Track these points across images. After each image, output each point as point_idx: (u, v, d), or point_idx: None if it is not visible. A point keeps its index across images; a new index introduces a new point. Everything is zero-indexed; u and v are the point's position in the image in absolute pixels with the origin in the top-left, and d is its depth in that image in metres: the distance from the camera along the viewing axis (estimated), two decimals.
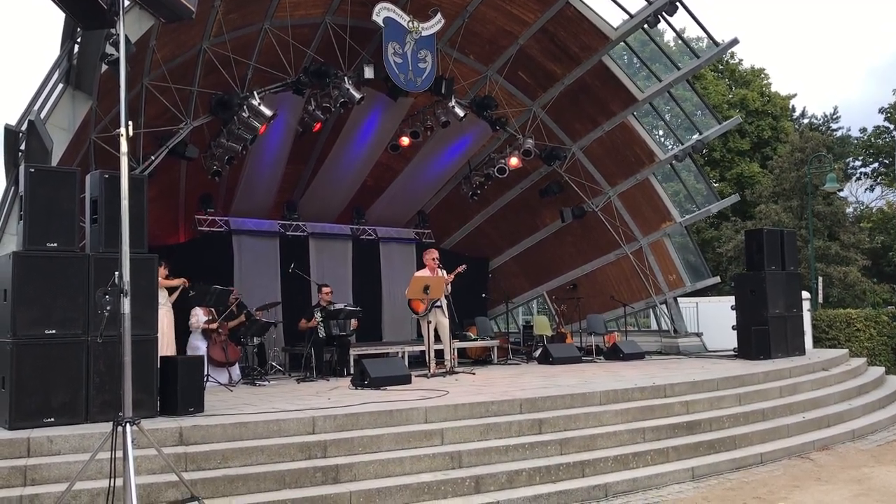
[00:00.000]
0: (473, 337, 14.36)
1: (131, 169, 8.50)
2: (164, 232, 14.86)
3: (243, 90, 11.51)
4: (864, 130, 35.62)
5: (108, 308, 4.76)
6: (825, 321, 17.64)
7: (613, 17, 12.89)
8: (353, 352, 11.74)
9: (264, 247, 14.76)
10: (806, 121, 36.35)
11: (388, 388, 8.77)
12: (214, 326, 10.50)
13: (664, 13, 12.06)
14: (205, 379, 8.58)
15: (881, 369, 12.36)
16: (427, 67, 12.40)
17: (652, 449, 7.08)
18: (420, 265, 12.96)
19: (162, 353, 7.55)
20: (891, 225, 32.49)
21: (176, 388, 6.83)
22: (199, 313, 10.59)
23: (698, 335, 15.32)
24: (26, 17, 65.22)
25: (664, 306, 15.61)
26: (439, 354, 11.27)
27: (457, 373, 10.81)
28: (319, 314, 11.48)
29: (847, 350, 13.83)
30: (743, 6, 67.25)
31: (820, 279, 22.92)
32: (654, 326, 16.54)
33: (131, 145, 5.31)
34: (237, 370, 10.68)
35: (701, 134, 14.72)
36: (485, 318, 16.08)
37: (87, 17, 5.26)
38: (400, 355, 12.21)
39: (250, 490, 5.61)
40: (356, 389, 8.93)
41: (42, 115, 8.29)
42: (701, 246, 23.67)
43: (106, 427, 5.06)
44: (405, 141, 14.39)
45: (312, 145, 15.16)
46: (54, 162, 8.08)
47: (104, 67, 8.40)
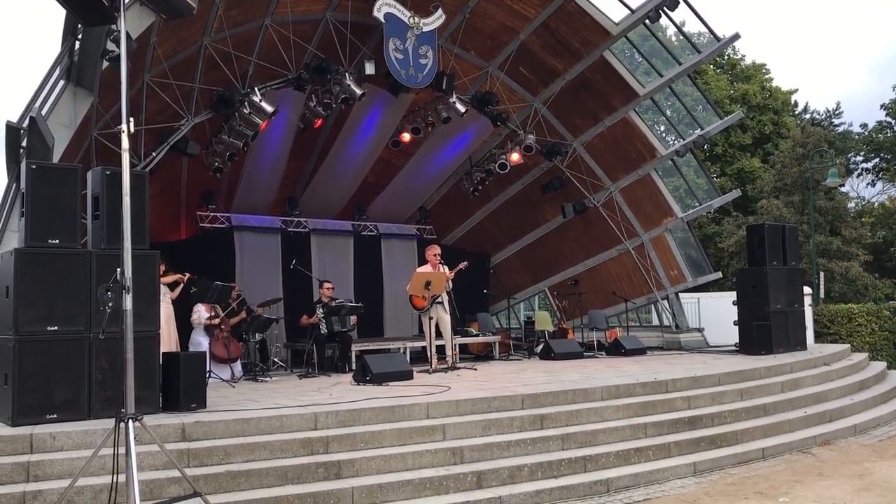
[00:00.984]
0: (475, 332, 14.38)
1: (133, 165, 8.50)
2: (166, 228, 14.87)
3: (244, 86, 11.50)
4: (866, 126, 35.59)
5: (110, 304, 4.76)
6: (827, 316, 17.61)
7: (615, 13, 12.88)
8: (355, 348, 11.76)
9: (266, 243, 14.77)
10: (808, 116, 36.29)
11: (390, 384, 8.78)
12: (216, 322, 10.51)
13: (665, 8, 12.02)
14: (207, 375, 8.58)
15: (883, 364, 12.35)
16: (428, 63, 12.39)
17: (653, 444, 7.08)
18: (421, 261, 12.98)
19: (162, 349, 7.55)
20: (892, 220, 32.47)
21: (178, 385, 6.85)
22: (202, 310, 10.59)
23: (700, 330, 15.32)
24: (27, 14, 65.18)
25: (666, 302, 15.61)
26: (441, 350, 11.27)
27: (458, 368, 10.82)
28: (321, 310, 11.49)
29: (849, 345, 13.81)
30: (745, 2, 67.13)
31: (821, 274, 22.90)
32: (656, 322, 16.54)
33: (132, 142, 5.31)
34: (239, 366, 10.70)
35: (702, 129, 14.70)
36: (486, 314, 16.09)
37: (88, 14, 5.26)
38: (401, 351, 12.22)
39: (253, 486, 5.62)
40: (358, 385, 8.95)
41: (43, 112, 8.28)
42: (702, 241, 23.62)
43: (108, 423, 5.07)
44: (406, 137, 14.38)
45: (314, 141, 15.15)
46: (56, 158, 8.09)
47: (105, 64, 8.40)
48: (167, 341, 9.61)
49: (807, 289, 13.88)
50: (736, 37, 12.93)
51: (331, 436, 6.27)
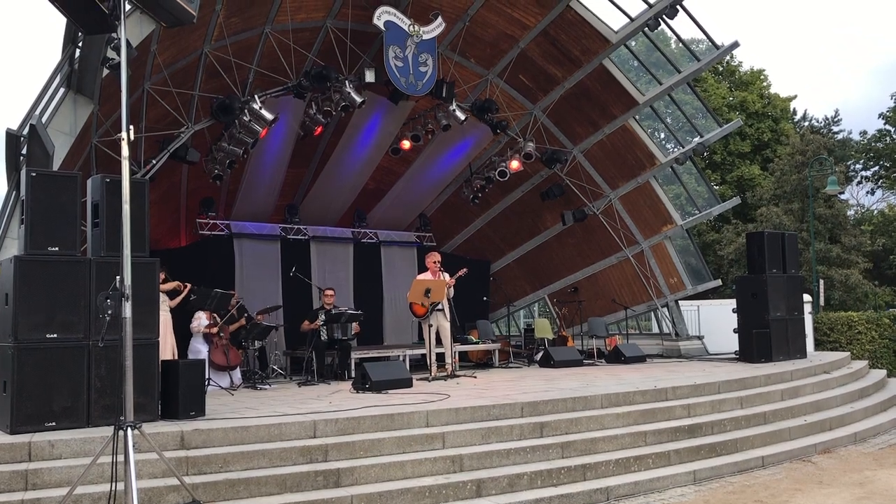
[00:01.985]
0: (475, 340, 14.36)
1: (132, 173, 8.52)
2: (166, 236, 14.88)
3: (244, 94, 11.53)
4: (865, 133, 35.66)
5: (110, 312, 4.76)
6: (826, 324, 17.60)
7: (614, 21, 12.93)
8: (355, 355, 11.74)
9: (265, 250, 14.77)
10: (807, 123, 36.36)
11: (390, 392, 8.77)
12: (216, 330, 10.50)
13: (664, 16, 12.06)
14: (206, 383, 8.58)
15: (883, 372, 12.35)
16: (428, 71, 12.41)
17: (653, 452, 7.07)
18: (421, 268, 12.97)
19: (163, 358, 7.55)
20: (892, 228, 32.49)
21: (177, 392, 6.84)
22: (202, 317, 10.59)
23: (700, 338, 15.31)
24: (28, 22, 65.38)
25: (665, 309, 15.60)
26: (441, 358, 11.26)
27: (458, 376, 10.81)
28: (322, 317, 11.49)
29: (849, 353, 13.79)
30: (743, 9, 67.34)
31: (821, 282, 22.88)
32: (656, 329, 16.54)
33: (132, 149, 5.32)
34: (238, 374, 10.69)
35: (702, 137, 14.72)
36: (486, 322, 16.08)
37: (89, 22, 5.27)
38: (401, 359, 12.20)
39: (252, 494, 5.61)
40: (357, 393, 8.93)
41: (43, 120, 8.30)
42: (702, 249, 23.68)
43: (107, 431, 5.06)
44: (406, 144, 14.41)
45: (314, 149, 15.18)
46: (55, 166, 8.09)
47: (105, 72, 8.42)
48: (165, 349, 9.59)
49: (806, 296, 13.89)
50: (735, 45, 12.96)
51: (330, 444, 6.26)
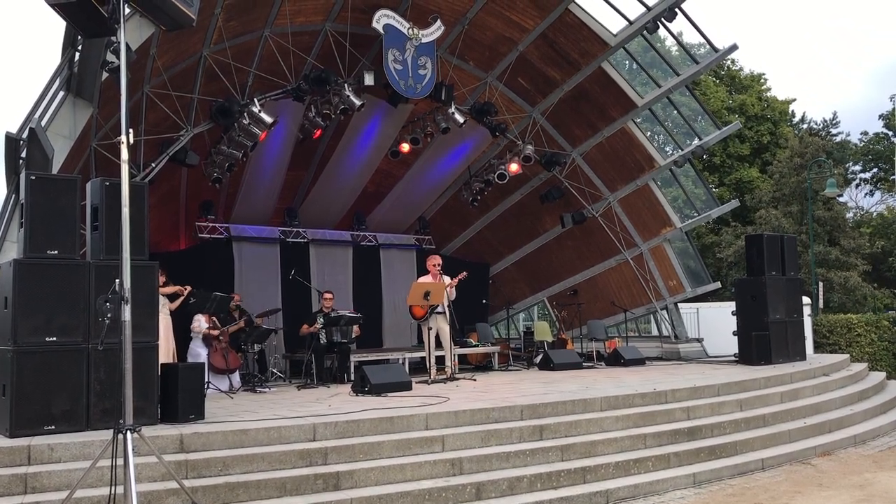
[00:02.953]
0: (474, 343, 14.36)
1: (132, 176, 8.51)
2: (165, 239, 14.87)
3: (244, 97, 11.53)
4: (865, 134, 35.69)
5: (109, 315, 4.76)
6: (826, 326, 17.62)
7: (613, 24, 12.94)
8: (354, 358, 11.72)
9: (265, 253, 14.77)
10: (806, 126, 36.40)
11: (389, 395, 8.76)
12: (216, 333, 10.49)
13: (663, 19, 12.07)
14: (205, 386, 8.57)
15: (882, 374, 12.35)
16: (427, 74, 12.43)
17: (653, 455, 7.07)
18: (421, 271, 12.97)
19: (162, 361, 7.54)
20: (891, 230, 32.51)
21: (176, 396, 6.83)
22: (201, 320, 10.58)
23: (699, 341, 15.31)
24: (27, 25, 65.41)
25: (665, 312, 15.61)
26: (440, 361, 11.25)
27: (457, 379, 10.79)
28: (321, 320, 11.48)
29: (848, 355, 13.81)
30: (741, 11, 67.46)
31: (820, 284, 22.91)
32: (655, 332, 16.53)
33: (132, 152, 5.32)
34: (237, 377, 10.67)
35: (700, 139, 14.74)
36: (485, 324, 16.07)
37: (88, 25, 5.28)
38: (400, 361, 12.20)
39: (251, 497, 5.60)
40: (357, 396, 8.93)
41: (43, 123, 8.30)
42: (701, 251, 23.66)
43: (106, 434, 5.06)
44: (405, 147, 14.40)
45: (313, 152, 15.18)
46: (55, 169, 8.09)
47: (105, 75, 8.42)
48: (165, 353, 9.59)
49: (806, 299, 13.89)
50: (734, 48, 12.96)
51: (329, 447, 6.25)
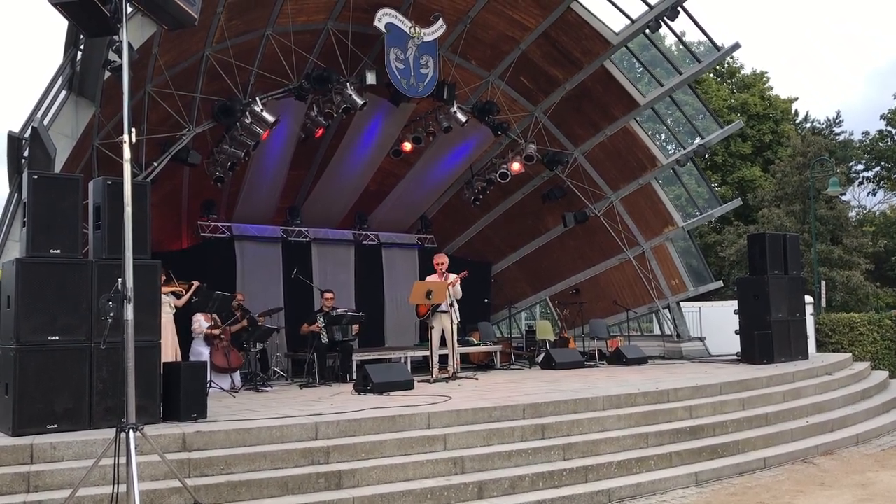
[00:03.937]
0: (476, 342, 14.36)
1: (134, 175, 8.50)
2: (167, 238, 14.89)
3: (246, 96, 11.54)
4: (867, 133, 35.63)
5: (112, 314, 4.77)
6: (828, 325, 17.58)
7: (615, 22, 12.93)
8: (356, 357, 11.73)
9: (267, 252, 14.78)
10: (808, 125, 36.35)
11: (391, 394, 8.76)
12: (216, 332, 10.50)
13: (665, 18, 12.06)
14: (207, 385, 8.57)
15: (884, 373, 12.33)
16: (429, 73, 12.42)
17: (655, 454, 7.07)
18: (422, 270, 12.97)
19: (165, 360, 7.54)
20: (894, 229, 32.46)
21: (179, 394, 6.84)
22: (201, 319, 10.59)
23: (701, 340, 15.30)
24: (30, 25, 65.48)
25: (667, 311, 15.60)
26: (443, 359, 11.25)
27: (459, 378, 10.79)
28: (322, 320, 11.49)
29: (850, 354, 13.77)
30: (744, 10, 67.35)
31: (823, 283, 22.87)
32: (657, 331, 16.52)
33: (134, 152, 5.32)
34: (239, 376, 10.68)
35: (703, 138, 14.72)
36: (487, 323, 16.08)
37: (91, 25, 5.29)
38: (403, 360, 12.20)
39: (253, 496, 5.61)
40: (359, 395, 8.93)
41: (45, 122, 8.31)
42: (703, 250, 23.65)
43: (109, 433, 5.06)
44: (407, 146, 14.41)
45: (315, 151, 15.18)
46: (57, 168, 8.11)
47: (107, 74, 8.43)
48: (170, 351, 9.60)
49: (808, 298, 13.86)
50: (736, 46, 12.94)
51: (331, 446, 6.26)
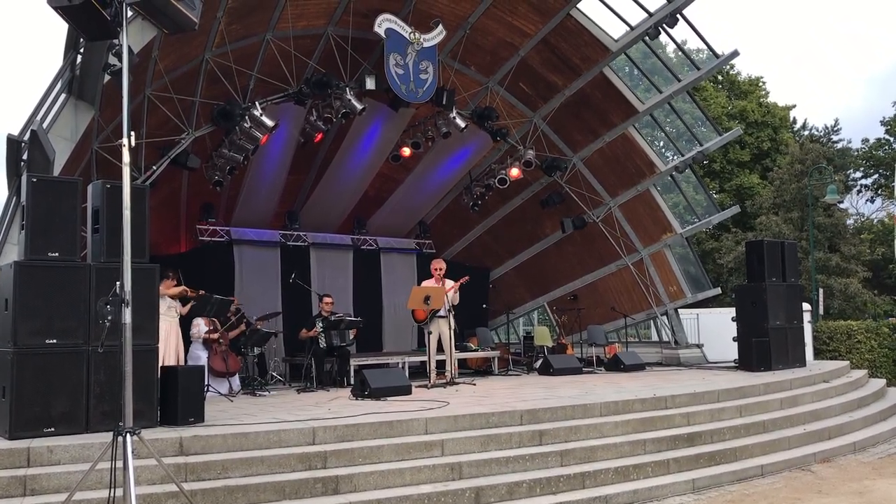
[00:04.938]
0: (474, 347, 14.35)
1: (133, 179, 8.51)
2: (166, 241, 14.88)
3: (245, 100, 11.54)
4: (867, 141, 35.70)
5: (109, 318, 4.77)
6: (826, 333, 17.60)
7: (614, 29, 12.97)
8: (354, 362, 11.71)
9: (265, 257, 14.76)
10: (806, 132, 36.42)
11: (389, 399, 8.76)
12: (215, 337, 10.49)
13: (665, 25, 12.09)
14: (205, 389, 8.56)
15: (882, 381, 12.34)
16: (428, 78, 12.45)
17: (652, 461, 7.07)
18: (420, 275, 12.97)
19: (169, 363, 7.54)
20: (891, 237, 32.44)
21: (176, 399, 6.83)
22: (201, 323, 10.58)
23: (699, 346, 15.30)
24: (29, 28, 65.55)
25: (665, 317, 15.60)
26: (440, 365, 11.25)
27: (457, 383, 10.79)
28: (320, 324, 11.48)
29: (848, 362, 13.79)
30: (748, 9, 67.57)
31: (821, 291, 22.90)
32: (655, 337, 16.53)
33: (133, 155, 5.32)
34: (237, 380, 10.67)
35: (701, 145, 14.75)
36: (485, 329, 16.06)
37: (91, 28, 5.30)
38: (400, 366, 12.19)
39: (250, 501, 5.60)
40: (356, 400, 8.92)
41: (44, 125, 8.32)
42: (701, 257, 23.68)
43: (106, 437, 5.05)
44: (406, 151, 14.41)
45: (314, 156, 15.19)
46: (56, 172, 8.11)
47: (106, 78, 8.45)
48: (171, 355, 9.58)
49: (806, 305, 13.89)
50: (735, 54, 12.99)
51: (329, 451, 6.25)
